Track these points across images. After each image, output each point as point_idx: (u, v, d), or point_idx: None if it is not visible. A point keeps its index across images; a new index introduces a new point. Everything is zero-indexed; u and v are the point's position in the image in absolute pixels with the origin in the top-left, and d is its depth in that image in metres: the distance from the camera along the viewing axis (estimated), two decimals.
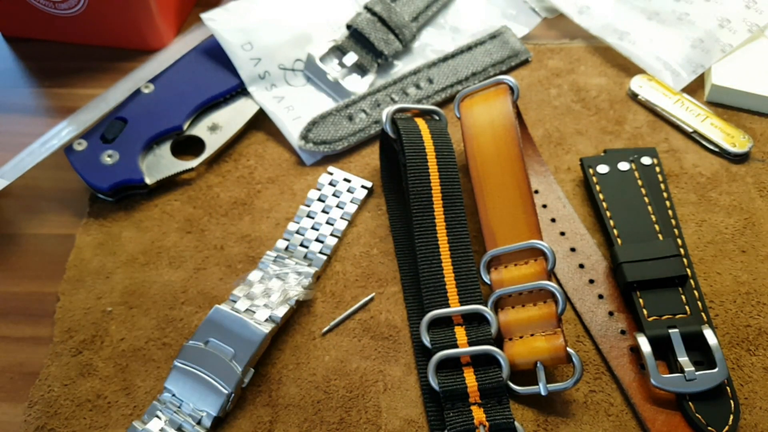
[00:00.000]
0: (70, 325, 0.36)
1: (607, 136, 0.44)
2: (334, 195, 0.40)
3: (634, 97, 0.46)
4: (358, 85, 0.46)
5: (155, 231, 0.40)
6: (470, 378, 0.32)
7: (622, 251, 0.36)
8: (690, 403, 0.32)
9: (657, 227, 0.37)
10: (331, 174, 0.41)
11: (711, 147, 0.43)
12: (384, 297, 0.37)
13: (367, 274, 0.38)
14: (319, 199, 0.40)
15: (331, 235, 0.38)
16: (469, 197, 0.40)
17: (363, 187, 0.41)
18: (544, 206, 0.40)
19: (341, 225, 0.39)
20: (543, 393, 0.32)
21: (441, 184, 0.37)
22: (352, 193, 0.40)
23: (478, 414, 0.31)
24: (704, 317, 0.35)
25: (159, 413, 0.31)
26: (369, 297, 0.37)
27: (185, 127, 0.43)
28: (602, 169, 0.40)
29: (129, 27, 0.47)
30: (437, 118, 0.41)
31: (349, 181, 0.41)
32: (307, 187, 0.42)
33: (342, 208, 0.40)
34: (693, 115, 0.44)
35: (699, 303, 0.35)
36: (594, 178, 0.40)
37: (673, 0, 0.49)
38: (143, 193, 0.41)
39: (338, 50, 0.47)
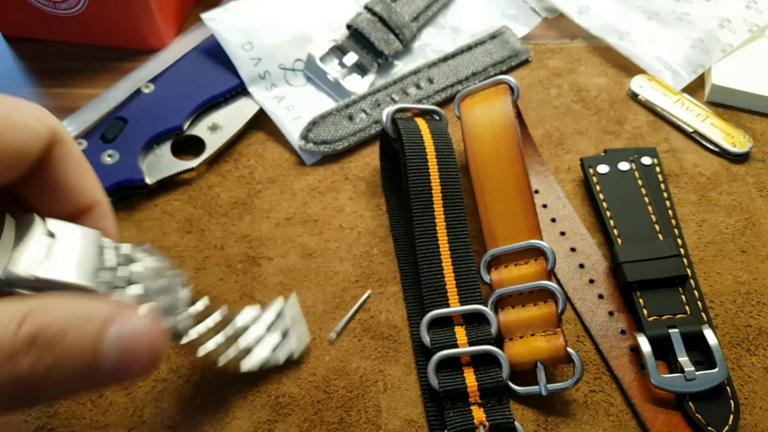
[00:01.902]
0: None
1: (608, 136, 0.44)
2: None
3: (634, 97, 0.46)
4: (358, 85, 0.46)
5: (155, 231, 0.39)
6: (470, 378, 0.32)
7: (622, 251, 0.36)
8: (690, 403, 0.32)
9: (657, 227, 0.37)
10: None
11: (711, 147, 0.43)
12: (384, 297, 0.37)
13: (367, 274, 0.38)
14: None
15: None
16: (469, 197, 0.40)
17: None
18: (545, 206, 0.40)
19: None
20: (543, 393, 0.32)
21: (441, 184, 0.37)
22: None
23: (478, 414, 0.31)
24: (704, 317, 0.35)
25: None
26: (366, 295, 0.37)
27: (185, 127, 0.43)
28: (602, 169, 0.40)
29: (129, 27, 0.47)
30: (437, 117, 0.41)
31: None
32: (308, 186, 0.42)
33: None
34: (693, 115, 0.44)
35: (699, 303, 0.35)
36: (594, 178, 0.40)
37: (673, 0, 0.49)
38: (143, 193, 0.41)
39: (338, 50, 0.47)
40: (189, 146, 0.43)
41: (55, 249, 0.23)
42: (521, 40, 0.49)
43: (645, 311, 0.34)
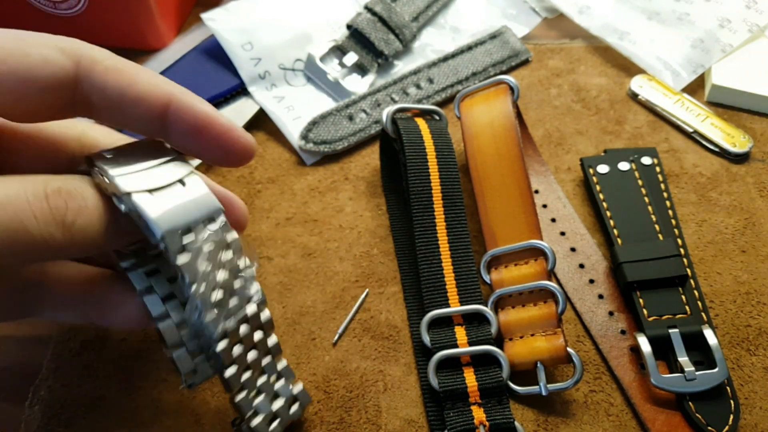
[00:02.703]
0: (70, 325, 0.36)
1: (608, 136, 0.44)
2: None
3: (634, 97, 0.46)
4: (358, 85, 0.46)
5: None
6: (470, 378, 0.32)
7: (622, 251, 0.36)
8: (690, 403, 0.32)
9: (657, 227, 0.37)
10: None
11: (711, 147, 0.43)
12: (384, 297, 0.37)
13: (367, 274, 0.38)
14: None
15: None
16: (469, 197, 0.40)
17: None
18: (545, 206, 0.40)
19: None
20: (543, 393, 0.32)
21: (441, 184, 0.37)
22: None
23: (478, 414, 0.31)
24: (704, 317, 0.35)
25: None
26: (364, 294, 0.37)
27: None
28: (602, 169, 0.40)
29: (129, 27, 0.47)
30: (437, 117, 0.41)
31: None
32: (308, 186, 0.42)
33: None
34: (693, 115, 0.44)
35: (699, 303, 0.35)
36: (594, 178, 0.40)
37: (673, 0, 0.49)
38: None
39: (338, 50, 0.47)
40: None
41: (169, 193, 0.24)
42: (521, 40, 0.49)
43: (645, 311, 0.34)
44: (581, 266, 0.38)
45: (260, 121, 0.45)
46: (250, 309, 0.26)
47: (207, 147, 0.26)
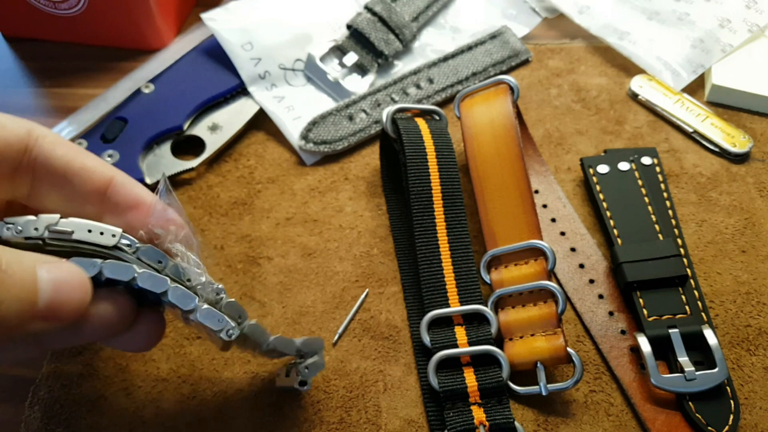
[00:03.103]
0: None
1: (608, 136, 0.44)
2: None
3: (634, 97, 0.46)
4: (358, 85, 0.46)
5: None
6: (470, 378, 0.32)
7: (622, 251, 0.36)
8: (690, 403, 0.32)
9: (657, 227, 0.37)
10: None
11: (711, 147, 0.43)
12: (384, 297, 0.37)
13: (367, 274, 0.38)
14: None
15: None
16: (469, 197, 0.40)
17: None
18: (545, 206, 0.40)
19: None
20: (543, 393, 0.32)
21: (441, 184, 0.37)
22: None
23: (478, 414, 0.31)
24: (704, 317, 0.35)
25: None
26: (364, 294, 0.37)
27: (185, 126, 0.43)
28: (602, 169, 0.40)
29: (129, 27, 0.47)
30: (437, 117, 0.41)
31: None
32: (308, 186, 0.42)
33: None
34: (693, 115, 0.44)
35: (699, 303, 0.35)
36: (594, 178, 0.40)
37: (673, 0, 0.49)
38: None
39: (338, 50, 0.47)
40: (189, 146, 0.43)
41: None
42: (521, 40, 0.49)
43: (645, 311, 0.34)
44: (581, 266, 0.38)
45: (260, 121, 0.45)
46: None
47: (139, 225, 0.27)
